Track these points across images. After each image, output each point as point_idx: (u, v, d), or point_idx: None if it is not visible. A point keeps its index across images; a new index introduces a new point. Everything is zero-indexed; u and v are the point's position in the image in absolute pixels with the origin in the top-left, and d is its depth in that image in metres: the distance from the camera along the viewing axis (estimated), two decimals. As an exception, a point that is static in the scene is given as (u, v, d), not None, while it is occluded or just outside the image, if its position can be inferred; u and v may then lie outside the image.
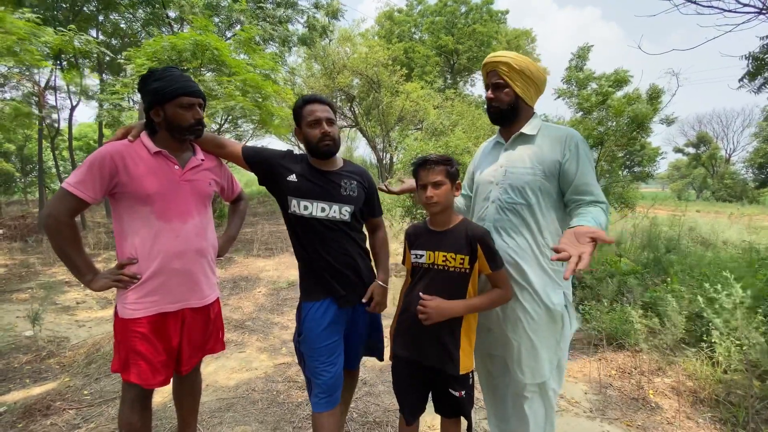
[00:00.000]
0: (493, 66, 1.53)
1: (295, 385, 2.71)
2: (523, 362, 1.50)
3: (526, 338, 1.49)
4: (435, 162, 1.48)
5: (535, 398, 1.53)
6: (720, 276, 3.41)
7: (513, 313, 1.51)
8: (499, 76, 1.52)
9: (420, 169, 1.51)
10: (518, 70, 1.50)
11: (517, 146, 1.55)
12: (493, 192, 1.55)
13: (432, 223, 1.56)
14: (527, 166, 1.49)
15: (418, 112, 14.68)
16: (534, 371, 1.50)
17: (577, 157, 1.44)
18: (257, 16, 8.99)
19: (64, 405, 2.43)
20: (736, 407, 2.32)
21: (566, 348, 1.57)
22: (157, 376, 1.53)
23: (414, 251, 1.57)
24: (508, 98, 1.53)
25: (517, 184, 1.49)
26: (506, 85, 1.52)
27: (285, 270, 6.05)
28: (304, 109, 1.64)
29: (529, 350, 1.49)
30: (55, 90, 10.37)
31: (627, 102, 6.52)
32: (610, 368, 2.93)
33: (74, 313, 4.17)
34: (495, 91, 1.54)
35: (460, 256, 1.45)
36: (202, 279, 1.62)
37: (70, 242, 1.45)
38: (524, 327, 1.49)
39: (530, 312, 1.48)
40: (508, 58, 1.51)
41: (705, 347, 2.77)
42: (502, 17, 21.88)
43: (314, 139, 1.61)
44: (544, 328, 1.49)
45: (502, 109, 1.54)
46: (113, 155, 1.45)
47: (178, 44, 5.69)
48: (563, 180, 1.46)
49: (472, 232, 1.48)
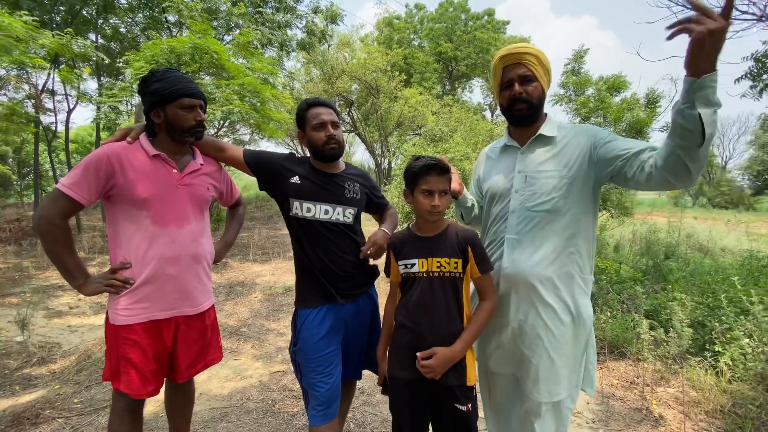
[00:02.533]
0: (519, 58, 1.36)
1: (291, 395, 2.65)
2: (540, 382, 1.38)
3: (546, 357, 1.37)
4: (445, 169, 1.39)
5: (548, 416, 1.41)
6: (725, 283, 3.39)
7: (532, 331, 1.38)
8: (528, 68, 1.36)
9: (427, 175, 1.38)
10: (544, 64, 1.38)
11: (536, 149, 1.42)
12: (512, 201, 1.41)
13: (422, 229, 1.48)
14: (551, 169, 1.36)
15: (417, 118, 14.73)
16: (551, 391, 1.37)
17: (604, 136, 1.34)
18: (256, 20, 9.01)
19: (53, 413, 2.37)
20: (741, 418, 2.27)
21: (593, 361, 1.46)
22: (147, 386, 1.48)
23: (403, 261, 1.46)
24: (537, 93, 1.38)
25: (542, 190, 1.36)
26: (535, 78, 1.37)
27: (281, 275, 5.99)
28: (309, 112, 1.62)
29: (549, 369, 1.37)
30: (52, 93, 10.33)
31: (625, 107, 6.52)
32: (612, 377, 2.88)
33: (67, 318, 4.10)
34: (523, 85, 1.37)
35: (454, 260, 1.40)
36: (197, 286, 1.58)
37: (61, 245, 1.42)
38: (545, 345, 1.37)
39: (552, 329, 1.36)
40: (535, 50, 1.37)
41: (709, 356, 2.73)
42: (503, 27, 22.12)
43: (319, 142, 1.59)
44: (567, 345, 1.37)
45: (533, 105, 1.37)
46: (110, 157, 1.41)
47: (177, 47, 5.69)
48: (607, 160, 1.29)
49: (462, 235, 1.43)
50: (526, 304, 1.39)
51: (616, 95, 7.16)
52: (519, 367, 1.45)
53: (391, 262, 1.52)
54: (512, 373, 1.51)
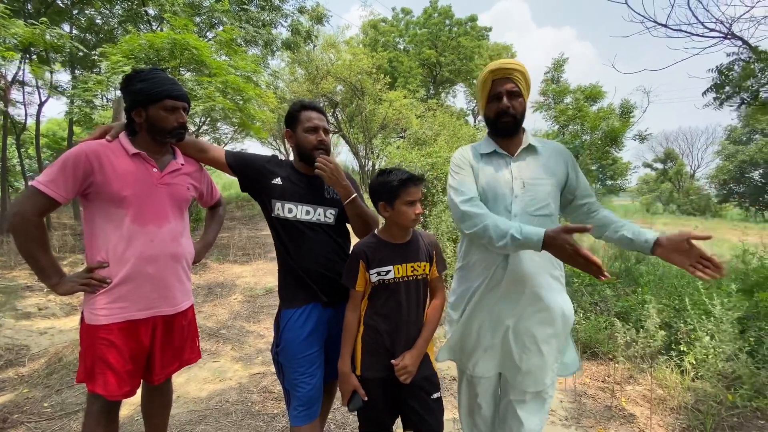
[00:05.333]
0: (508, 73, 1.47)
1: (271, 396, 2.64)
2: (530, 374, 1.47)
3: (536, 351, 1.45)
4: (419, 179, 1.48)
5: (532, 403, 1.51)
6: (690, 286, 3.56)
7: (527, 329, 1.46)
8: (515, 84, 1.47)
9: (408, 187, 1.45)
10: (527, 80, 1.50)
11: (527, 158, 1.53)
12: (514, 206, 1.46)
13: (395, 237, 1.53)
14: (543, 177, 1.48)
15: (401, 121, 14.81)
16: (538, 381, 1.48)
17: (575, 166, 1.56)
18: (240, 18, 8.88)
19: (22, 418, 2.28)
20: (704, 414, 2.40)
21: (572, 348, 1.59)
22: (123, 387, 1.45)
23: (376, 269, 1.48)
24: (522, 108, 1.50)
25: (539, 196, 1.46)
26: (521, 93, 1.48)
27: (262, 276, 5.92)
28: (302, 113, 1.63)
29: (539, 363, 1.46)
30: (23, 84, 9.89)
31: (602, 116, 6.77)
32: (585, 377, 2.99)
33: (35, 320, 3.94)
34: (511, 100, 1.48)
35: (424, 263, 1.53)
36: (176, 285, 1.57)
37: (37, 243, 1.38)
38: (537, 342, 1.45)
39: (546, 326, 1.46)
40: (521, 66, 1.48)
41: (674, 356, 2.87)
42: (486, 34, 22.54)
43: (309, 145, 1.60)
44: (556, 339, 1.48)
45: (517, 120, 1.49)
46: (89, 154, 1.39)
47: (156, 42, 5.55)
48: (568, 189, 1.54)
49: (427, 239, 1.58)
50: (524, 303, 1.45)
51: (593, 104, 7.43)
52: (507, 364, 1.51)
53: (359, 272, 1.50)
54: (496, 374, 1.56)
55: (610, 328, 3.24)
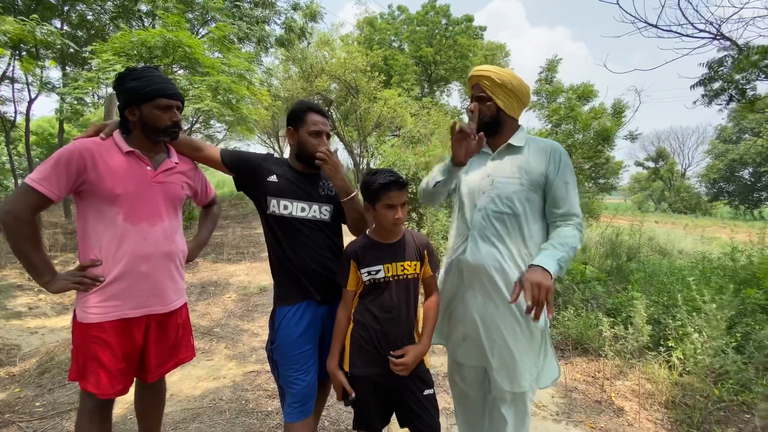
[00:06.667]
0: (477, 80, 1.58)
1: (265, 394, 2.65)
2: (503, 370, 1.50)
3: (505, 348, 1.49)
4: (405, 184, 1.49)
5: (512, 404, 1.55)
6: (681, 283, 3.63)
7: (492, 322, 1.50)
8: (481, 90, 1.56)
9: (390, 191, 1.46)
10: (500, 84, 1.54)
11: (505, 156, 1.59)
12: (480, 200, 1.55)
13: (384, 237, 1.55)
14: (515, 176, 1.52)
15: (396, 119, 14.81)
16: (513, 381, 1.50)
17: (558, 168, 1.51)
18: (233, 14, 8.82)
19: (13, 417, 2.27)
20: (691, 408, 2.45)
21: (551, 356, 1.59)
22: (116, 386, 1.46)
23: (366, 269, 1.51)
24: (490, 111, 1.57)
25: (504, 194, 1.51)
26: (489, 98, 1.56)
27: (256, 275, 5.91)
28: (308, 116, 1.64)
29: (509, 359, 1.49)
30: (12, 81, 9.74)
31: (594, 116, 6.84)
32: (576, 372, 3.04)
33: (26, 319, 3.91)
34: (480, 104, 1.58)
35: (414, 263, 1.55)
36: (169, 284, 1.57)
37: (29, 241, 1.38)
38: (504, 336, 1.49)
39: (509, 320, 1.49)
40: (490, 72, 1.55)
41: (663, 351, 2.92)
42: (480, 33, 22.58)
43: (313, 149, 1.61)
44: (524, 337, 1.50)
45: (485, 121, 1.58)
46: (82, 152, 1.39)
47: (149, 40, 5.50)
48: (547, 191, 1.53)
49: (418, 239, 1.59)
50: (485, 296, 1.51)
51: (585, 104, 7.50)
52: (485, 357, 1.55)
53: (350, 272, 1.53)
54: (482, 366, 1.60)
55: (600, 324, 3.29)
